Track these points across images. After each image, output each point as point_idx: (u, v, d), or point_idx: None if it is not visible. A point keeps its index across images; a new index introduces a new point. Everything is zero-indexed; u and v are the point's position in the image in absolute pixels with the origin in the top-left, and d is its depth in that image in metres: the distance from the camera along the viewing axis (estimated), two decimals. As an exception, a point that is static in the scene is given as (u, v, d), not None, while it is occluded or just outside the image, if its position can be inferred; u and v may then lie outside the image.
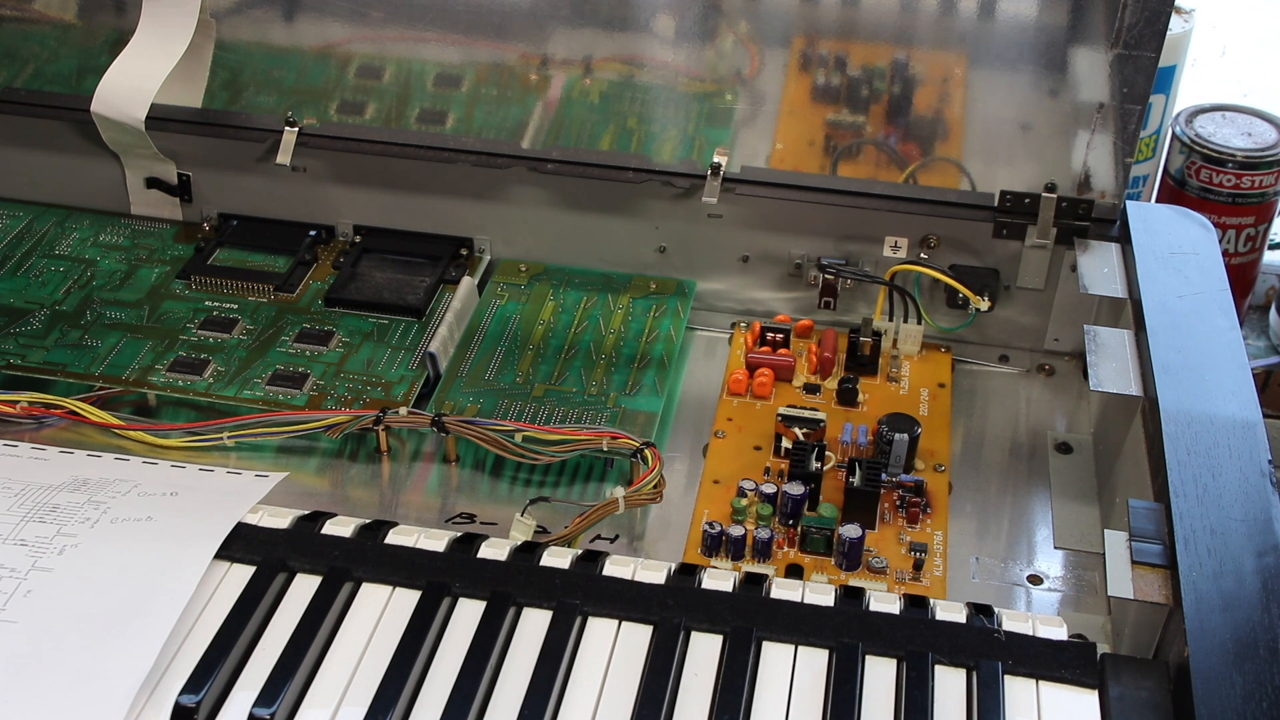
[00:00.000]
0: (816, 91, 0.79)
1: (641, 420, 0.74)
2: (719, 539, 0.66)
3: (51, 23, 0.87)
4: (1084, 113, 0.75)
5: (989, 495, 0.72)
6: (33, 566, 0.58)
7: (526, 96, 0.82)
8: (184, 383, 0.76)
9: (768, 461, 0.73)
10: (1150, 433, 0.64)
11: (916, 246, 0.80)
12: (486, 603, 0.57)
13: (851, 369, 0.79)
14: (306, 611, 0.57)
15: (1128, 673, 0.53)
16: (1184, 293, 0.70)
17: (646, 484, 0.67)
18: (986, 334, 0.83)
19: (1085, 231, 0.78)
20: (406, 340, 0.79)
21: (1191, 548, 0.55)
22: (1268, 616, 0.52)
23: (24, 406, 0.74)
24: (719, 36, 0.78)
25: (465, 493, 0.71)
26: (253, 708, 0.53)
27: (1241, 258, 0.93)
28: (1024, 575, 0.67)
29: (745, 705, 0.53)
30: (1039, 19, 0.73)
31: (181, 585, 0.57)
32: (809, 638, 0.56)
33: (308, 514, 0.62)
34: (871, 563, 0.66)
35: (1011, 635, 0.55)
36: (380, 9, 0.81)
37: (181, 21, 0.82)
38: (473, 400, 0.75)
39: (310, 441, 0.73)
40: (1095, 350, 0.69)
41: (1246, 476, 0.58)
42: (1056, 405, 0.79)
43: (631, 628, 0.57)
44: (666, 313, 0.82)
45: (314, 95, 0.85)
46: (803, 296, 0.84)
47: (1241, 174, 0.89)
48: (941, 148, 0.79)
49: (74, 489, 0.63)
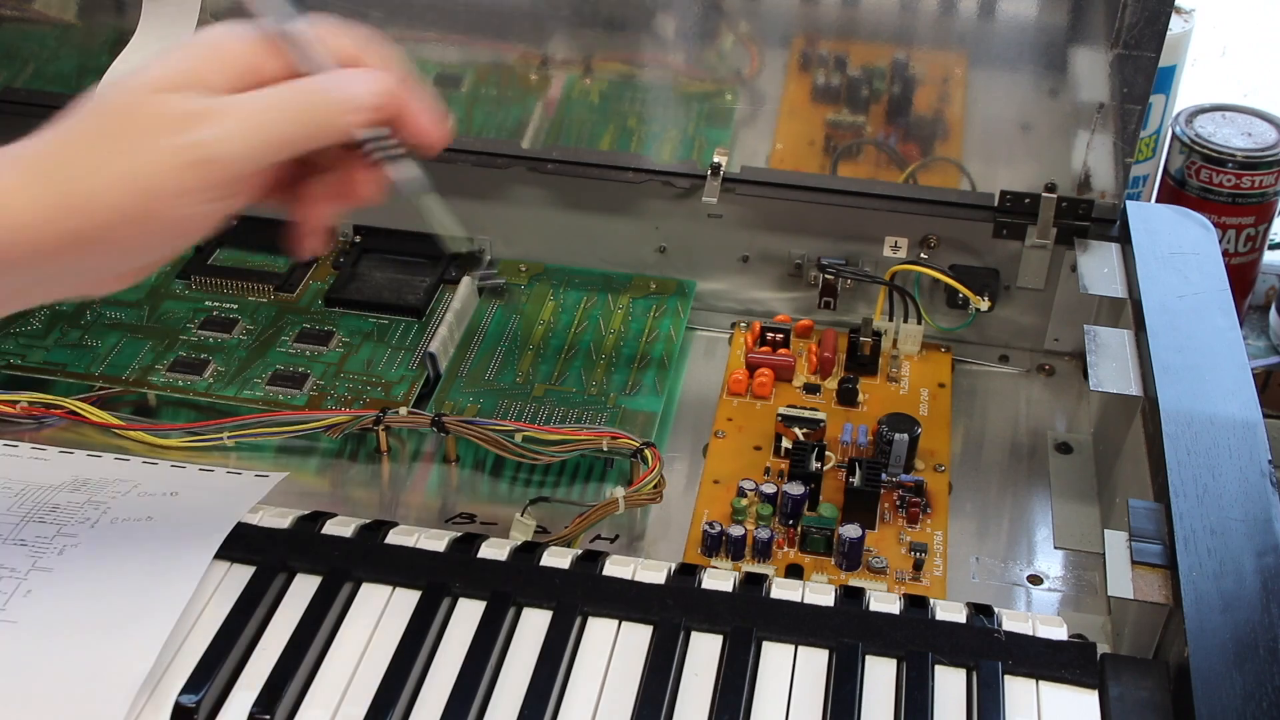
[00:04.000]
0: (816, 91, 0.79)
1: (641, 420, 0.74)
2: (719, 539, 0.66)
3: (51, 23, 0.87)
4: (1084, 113, 0.75)
5: (989, 495, 0.72)
6: (33, 566, 0.58)
7: (526, 96, 0.82)
8: (184, 383, 0.76)
9: (768, 461, 0.73)
10: (1150, 433, 0.64)
11: (916, 246, 0.80)
12: (486, 603, 0.57)
13: (851, 369, 0.79)
14: (306, 611, 0.57)
15: (1128, 673, 0.53)
16: (1184, 293, 0.70)
17: (646, 484, 0.67)
18: (986, 334, 0.83)
19: (1085, 231, 0.78)
20: (406, 340, 0.79)
21: (1191, 548, 0.55)
22: (1268, 616, 0.52)
23: (24, 406, 0.74)
24: (719, 36, 0.78)
25: (465, 493, 0.71)
26: (253, 708, 0.53)
27: (1241, 258, 0.93)
28: (1024, 575, 0.67)
29: (745, 705, 0.53)
30: (1039, 19, 0.73)
31: (181, 585, 0.57)
32: (809, 638, 0.56)
33: (308, 514, 0.62)
34: (871, 563, 0.66)
35: (1011, 635, 0.55)
36: (380, 9, 0.81)
37: (181, 21, 0.82)
38: (473, 400, 0.75)
39: (310, 441, 0.73)
40: (1095, 350, 0.69)
41: (1246, 476, 0.58)
42: (1056, 405, 0.79)
43: (631, 628, 0.57)
44: (666, 313, 0.82)
45: (314, 95, 0.85)
46: (803, 296, 0.84)
47: (1241, 174, 0.89)
48: (941, 148, 0.79)
49: (74, 489, 0.63)
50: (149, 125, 0.42)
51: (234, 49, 0.45)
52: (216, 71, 0.44)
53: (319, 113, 0.45)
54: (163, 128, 0.42)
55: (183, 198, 0.42)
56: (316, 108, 0.45)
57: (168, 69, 0.43)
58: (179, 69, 0.43)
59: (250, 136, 0.43)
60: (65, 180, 0.42)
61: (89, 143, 0.42)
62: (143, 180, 0.42)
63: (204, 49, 0.44)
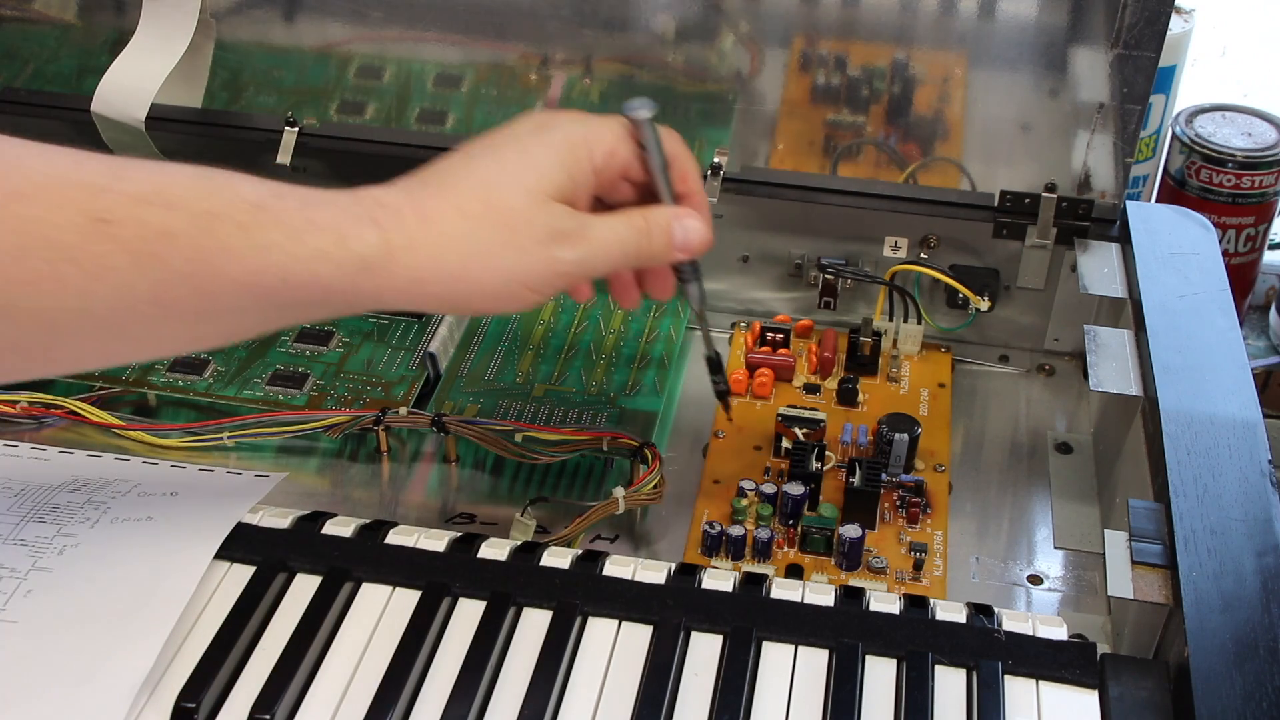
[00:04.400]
0: (816, 91, 0.79)
1: (641, 420, 0.74)
2: (719, 539, 0.66)
3: (51, 23, 0.87)
4: (1084, 113, 0.75)
5: (989, 495, 0.72)
6: (33, 566, 0.58)
7: (526, 96, 0.82)
8: (184, 383, 0.76)
9: (768, 461, 0.73)
10: (1150, 433, 0.64)
11: (916, 246, 0.80)
12: (486, 603, 0.57)
13: (851, 369, 0.79)
14: (306, 611, 0.57)
15: (1128, 673, 0.53)
16: (1184, 293, 0.70)
17: (646, 484, 0.67)
18: (986, 334, 0.83)
19: (1085, 231, 0.78)
20: (406, 340, 0.79)
21: (1191, 548, 0.55)
22: (1268, 616, 0.52)
23: (24, 406, 0.74)
24: (719, 36, 0.78)
25: (465, 493, 0.71)
26: (252, 708, 0.53)
27: (1241, 258, 0.93)
28: (1024, 575, 0.67)
29: (745, 705, 0.53)
30: (1039, 19, 0.73)
31: (181, 585, 0.57)
32: (809, 638, 0.56)
33: (308, 514, 0.62)
34: (871, 563, 0.66)
35: (1011, 635, 0.55)
36: (380, 9, 0.81)
37: (181, 21, 0.82)
38: (473, 400, 0.75)
39: (310, 441, 0.73)
40: (1095, 350, 0.69)
41: (1246, 476, 0.58)
42: (1056, 405, 0.79)
43: (631, 628, 0.57)
44: (666, 313, 0.82)
45: (314, 95, 0.85)
46: (803, 296, 0.84)
47: (1241, 174, 0.89)
48: (941, 148, 0.79)
49: (74, 489, 0.63)
50: (534, 235, 0.53)
51: (603, 147, 0.56)
52: (585, 173, 0.55)
53: (655, 250, 0.57)
54: (542, 240, 0.53)
55: (537, 292, 0.54)
56: (655, 246, 0.57)
57: (551, 179, 0.54)
58: (558, 181, 0.54)
59: (600, 261, 0.56)
60: (458, 261, 0.52)
61: (485, 236, 0.53)
62: (518, 275, 0.53)
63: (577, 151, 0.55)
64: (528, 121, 0.57)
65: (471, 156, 0.55)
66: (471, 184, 0.53)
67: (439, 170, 0.55)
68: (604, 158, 0.56)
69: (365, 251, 0.51)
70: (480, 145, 0.55)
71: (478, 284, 0.53)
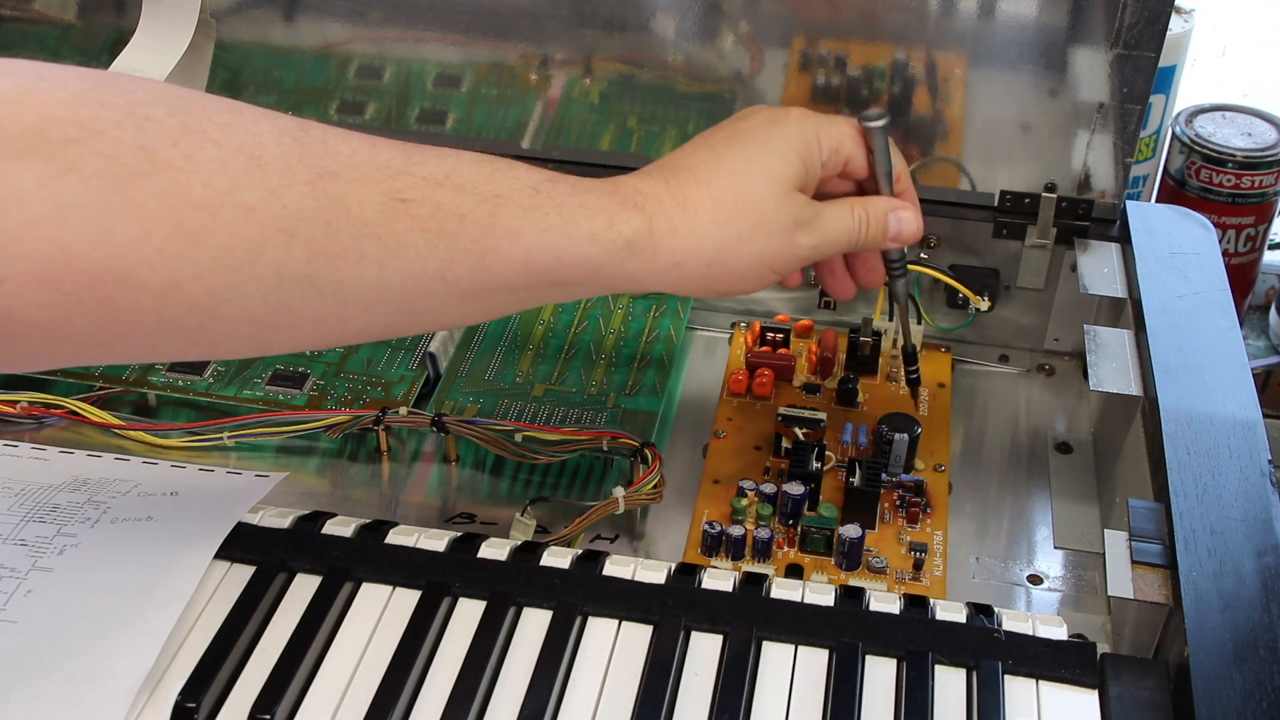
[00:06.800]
0: (816, 91, 0.79)
1: (641, 420, 0.74)
2: (719, 539, 0.66)
3: (51, 23, 0.87)
4: (1084, 113, 0.75)
5: (989, 495, 0.72)
6: (33, 566, 0.58)
7: (526, 96, 0.82)
8: (184, 383, 0.76)
9: (768, 461, 0.73)
10: (1150, 433, 0.64)
11: (916, 246, 0.80)
12: (486, 603, 0.57)
13: (851, 369, 0.79)
14: (306, 611, 0.57)
15: (1128, 672, 0.54)
16: (1184, 293, 0.70)
17: (646, 484, 0.67)
18: (986, 334, 0.83)
19: (1085, 231, 0.78)
20: (406, 340, 0.79)
21: (1191, 548, 0.55)
22: (1268, 616, 0.52)
23: (24, 406, 0.74)
24: (719, 36, 0.78)
25: (465, 493, 0.71)
26: (253, 708, 0.53)
27: (1241, 258, 0.93)
28: (1024, 575, 0.67)
29: (745, 705, 0.53)
30: (1039, 19, 0.73)
31: (181, 585, 0.57)
32: (809, 638, 0.56)
33: (308, 514, 0.62)
34: (871, 563, 0.66)
35: (1011, 635, 0.55)
36: (380, 9, 0.81)
37: (181, 21, 0.82)
38: (473, 400, 0.75)
39: (310, 441, 0.73)
40: (1095, 350, 0.69)
41: (1246, 476, 0.58)
42: (1056, 405, 0.79)
43: (631, 628, 0.57)
44: (666, 313, 0.82)
45: (314, 95, 0.85)
46: (803, 296, 0.84)
47: (1241, 174, 0.89)
48: (941, 147, 0.79)
49: (74, 489, 0.63)
50: (781, 222, 0.57)
51: (831, 143, 0.59)
52: (815, 166, 0.59)
53: (873, 237, 0.61)
54: (784, 227, 0.57)
55: (778, 274, 0.58)
56: (872, 234, 0.61)
57: (793, 169, 0.58)
58: (797, 171, 0.58)
59: (830, 246, 0.60)
60: (715, 245, 0.56)
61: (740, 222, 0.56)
62: (766, 258, 0.57)
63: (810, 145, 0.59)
64: (760, 115, 0.60)
65: (714, 148, 0.58)
66: (723, 174, 0.57)
67: (683, 161, 0.58)
68: (830, 153, 0.59)
69: (631, 235, 0.54)
70: (719, 137, 0.59)
71: (729, 267, 0.57)
